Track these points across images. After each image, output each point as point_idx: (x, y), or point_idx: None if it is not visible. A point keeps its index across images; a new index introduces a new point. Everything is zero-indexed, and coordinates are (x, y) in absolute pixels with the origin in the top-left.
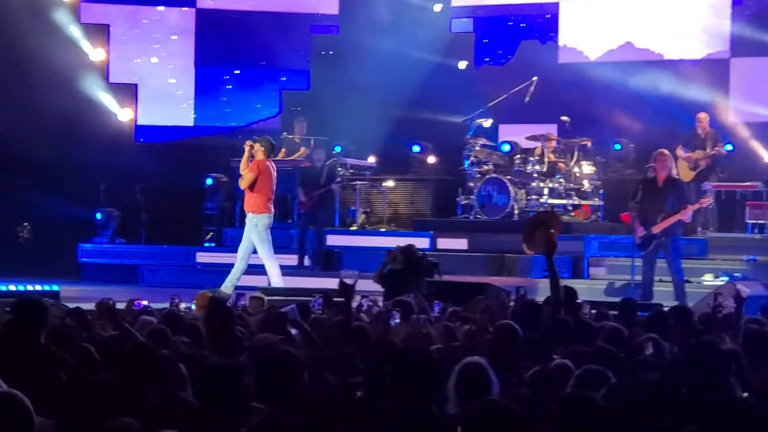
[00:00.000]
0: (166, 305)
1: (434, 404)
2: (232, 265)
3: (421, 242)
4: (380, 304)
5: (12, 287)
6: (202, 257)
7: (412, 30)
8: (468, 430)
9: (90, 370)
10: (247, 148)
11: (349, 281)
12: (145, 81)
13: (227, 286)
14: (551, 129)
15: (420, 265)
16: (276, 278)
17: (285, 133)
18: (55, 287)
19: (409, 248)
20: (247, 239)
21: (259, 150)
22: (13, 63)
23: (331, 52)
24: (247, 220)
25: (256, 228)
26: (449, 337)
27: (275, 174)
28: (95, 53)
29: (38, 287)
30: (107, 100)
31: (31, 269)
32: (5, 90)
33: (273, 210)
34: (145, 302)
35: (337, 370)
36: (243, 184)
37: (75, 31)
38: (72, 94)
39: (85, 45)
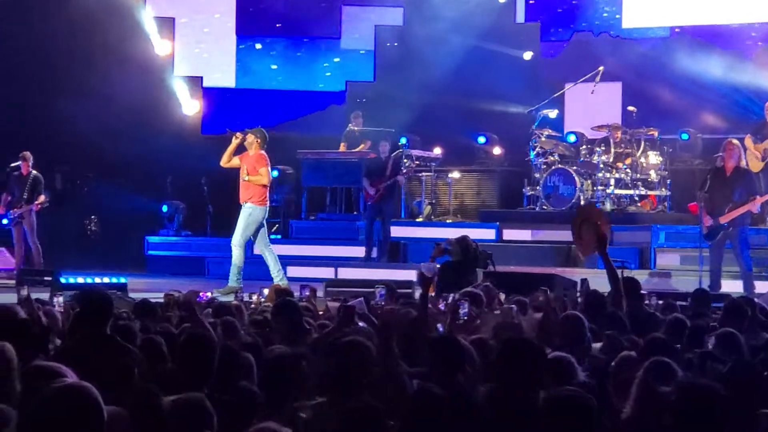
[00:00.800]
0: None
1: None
2: (298, 257)
3: (487, 233)
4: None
5: (80, 279)
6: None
7: (477, 20)
8: (552, 418)
9: (157, 362)
10: (235, 140)
11: (428, 274)
12: (211, 74)
13: (280, 279)
14: (617, 119)
15: (475, 256)
16: (236, 271)
17: (351, 125)
18: (122, 279)
19: (464, 239)
20: (259, 231)
21: (254, 141)
22: (84, 55)
23: (396, 44)
24: (243, 210)
25: (248, 217)
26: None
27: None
28: (162, 46)
29: (106, 279)
30: (174, 93)
31: (99, 262)
32: (76, 83)
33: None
34: (209, 294)
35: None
36: (265, 179)
37: (145, 24)
38: (140, 87)
39: (154, 37)
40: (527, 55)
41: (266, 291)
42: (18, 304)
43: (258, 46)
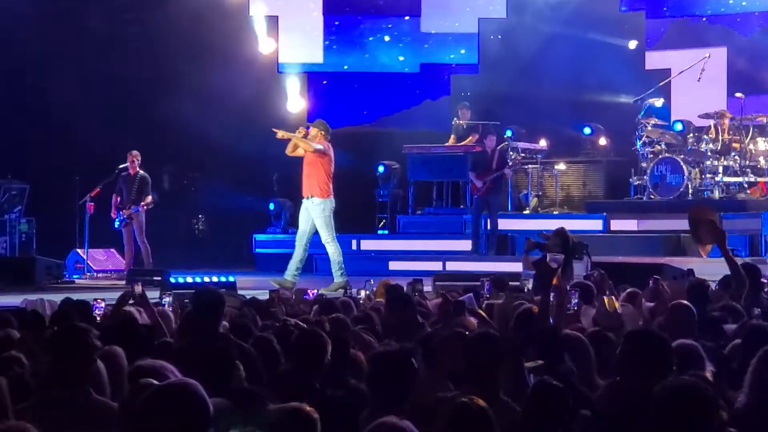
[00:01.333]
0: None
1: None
2: (406, 252)
3: (594, 224)
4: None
5: (189, 279)
6: (374, 245)
7: (581, 10)
8: (664, 407)
9: (269, 359)
10: (298, 133)
11: (553, 265)
12: (315, 70)
13: (291, 275)
14: (724, 106)
15: (573, 247)
16: (336, 263)
17: (456, 119)
18: (231, 278)
19: (563, 231)
20: (307, 224)
21: (318, 134)
22: (190, 54)
23: (499, 36)
24: (308, 204)
25: (323, 212)
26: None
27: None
28: (267, 43)
29: (215, 278)
30: (284, 88)
31: (208, 261)
32: (183, 82)
33: None
34: (315, 291)
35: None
36: (309, 147)
37: (252, 21)
38: (245, 85)
39: (260, 35)
40: (632, 44)
41: (376, 287)
42: (126, 300)
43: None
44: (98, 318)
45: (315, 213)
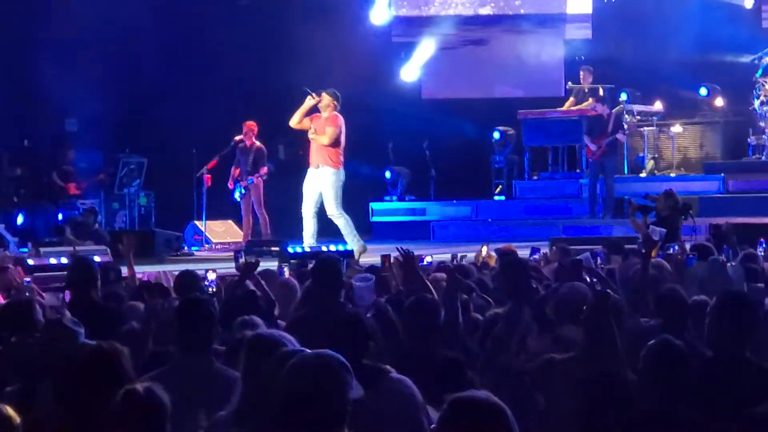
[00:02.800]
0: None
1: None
2: (523, 217)
3: (711, 185)
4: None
5: (307, 248)
6: (491, 211)
7: None
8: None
9: (387, 329)
10: (310, 100)
11: (655, 237)
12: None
13: (357, 243)
14: None
15: (683, 209)
16: (350, 234)
17: (570, 83)
18: (348, 246)
19: (672, 193)
20: (314, 194)
21: (330, 103)
22: (305, 21)
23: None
24: (317, 174)
25: (334, 184)
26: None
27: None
28: (380, 13)
29: (332, 248)
30: (394, 58)
31: (324, 230)
32: (296, 50)
33: None
34: (429, 258)
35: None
36: (327, 140)
37: None
38: (358, 53)
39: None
40: (748, 3)
41: (484, 251)
42: (242, 274)
43: None
44: (211, 290)
45: (326, 183)
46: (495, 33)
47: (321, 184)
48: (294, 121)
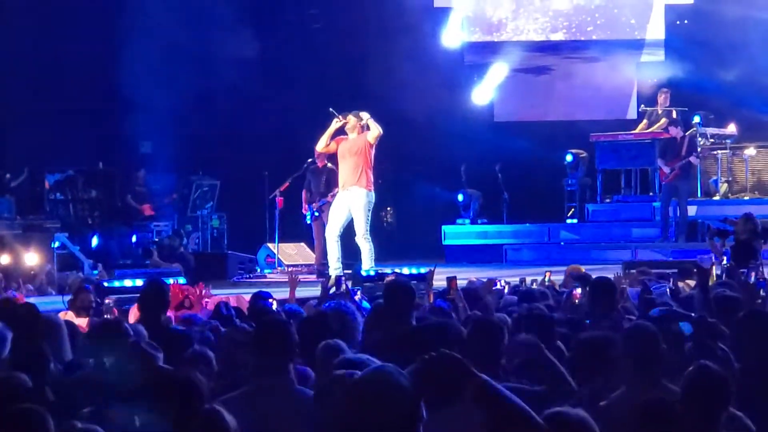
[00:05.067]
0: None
1: None
2: (595, 240)
3: None
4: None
5: (380, 271)
6: (564, 234)
7: None
8: None
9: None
10: (337, 122)
11: (703, 265)
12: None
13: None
14: None
15: (762, 233)
16: (369, 260)
17: (643, 105)
18: (422, 269)
19: (751, 217)
20: (342, 217)
21: (357, 124)
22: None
23: (686, 21)
24: (349, 196)
25: (367, 205)
26: None
27: None
28: (451, 37)
29: (406, 270)
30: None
31: (397, 253)
32: (370, 72)
33: None
34: (502, 282)
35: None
36: (375, 132)
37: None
38: (432, 75)
39: (448, 27)
40: None
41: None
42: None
43: None
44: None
45: (358, 205)
46: (567, 57)
47: (352, 205)
48: (321, 145)
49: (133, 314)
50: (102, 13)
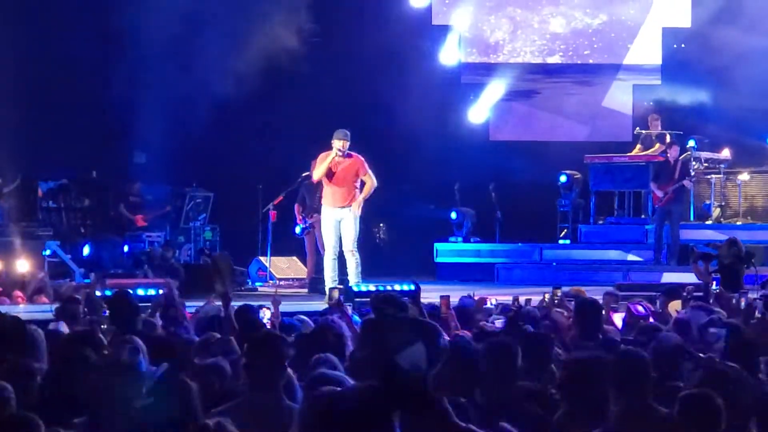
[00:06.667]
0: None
1: None
2: (587, 261)
3: None
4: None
5: (372, 287)
6: (556, 254)
7: (764, 17)
8: None
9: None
10: (336, 154)
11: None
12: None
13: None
14: None
15: (746, 257)
16: (356, 274)
17: (638, 128)
18: (411, 286)
19: (736, 241)
20: (335, 235)
21: (345, 145)
22: (372, 63)
23: (683, 45)
24: (344, 214)
25: (358, 221)
26: None
27: None
28: (449, 54)
29: (397, 286)
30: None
31: (389, 269)
32: (366, 90)
33: None
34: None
35: None
36: (372, 181)
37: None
38: (426, 94)
39: (445, 45)
40: None
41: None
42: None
43: None
44: (268, 325)
45: (351, 223)
46: (563, 79)
47: (345, 220)
48: (319, 175)
49: None
50: (97, 21)
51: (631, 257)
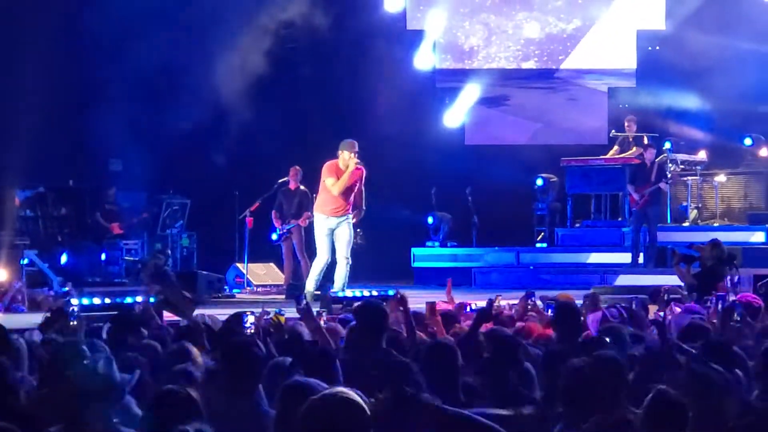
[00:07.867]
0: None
1: None
2: (564, 264)
3: (756, 236)
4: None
5: (348, 293)
6: (532, 258)
7: (740, 20)
8: None
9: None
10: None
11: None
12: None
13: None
14: None
15: (728, 259)
16: (344, 280)
17: (614, 131)
18: (390, 291)
19: (718, 243)
20: (329, 242)
21: (350, 157)
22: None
23: (658, 47)
24: (345, 222)
25: (353, 229)
26: None
27: None
28: (425, 59)
29: (375, 292)
30: (438, 103)
31: (366, 274)
32: (342, 95)
33: None
34: (473, 305)
35: None
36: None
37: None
38: (402, 98)
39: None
40: None
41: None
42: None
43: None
44: (250, 331)
45: (347, 230)
46: (539, 84)
47: (342, 227)
48: (343, 188)
49: None
50: (74, 29)
51: (608, 260)
